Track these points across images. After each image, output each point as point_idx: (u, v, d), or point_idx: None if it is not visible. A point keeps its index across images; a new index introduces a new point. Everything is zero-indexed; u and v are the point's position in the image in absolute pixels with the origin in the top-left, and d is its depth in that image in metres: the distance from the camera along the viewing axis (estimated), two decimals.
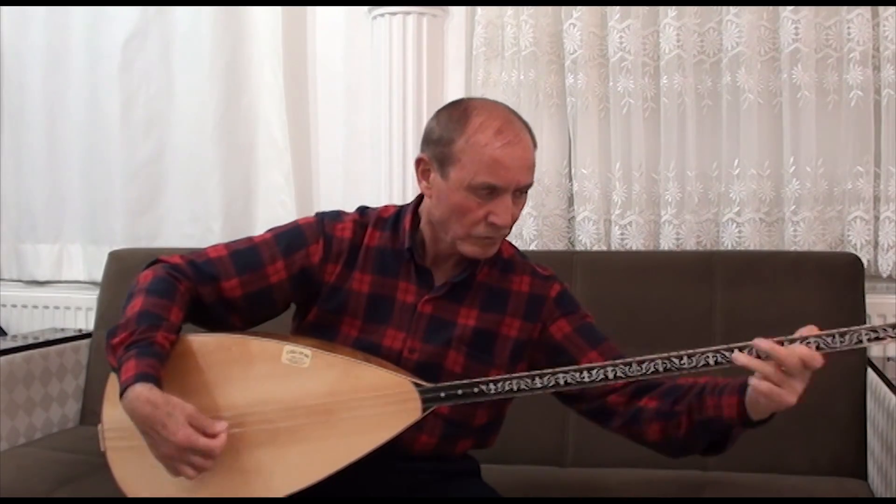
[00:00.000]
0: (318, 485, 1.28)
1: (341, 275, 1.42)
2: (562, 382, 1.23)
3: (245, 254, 1.42)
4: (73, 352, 2.33)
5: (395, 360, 1.38)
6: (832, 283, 1.92)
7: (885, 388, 1.70)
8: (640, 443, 1.37)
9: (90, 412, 2.27)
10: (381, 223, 1.45)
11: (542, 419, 1.90)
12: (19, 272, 2.82)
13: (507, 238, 1.45)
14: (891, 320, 2.06)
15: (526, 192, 1.36)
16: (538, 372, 1.25)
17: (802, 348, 1.14)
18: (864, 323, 1.95)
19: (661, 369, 1.21)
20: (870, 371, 1.87)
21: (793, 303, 1.91)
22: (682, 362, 1.20)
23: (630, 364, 1.22)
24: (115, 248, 2.50)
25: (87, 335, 2.39)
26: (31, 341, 2.26)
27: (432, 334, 1.39)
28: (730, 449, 1.32)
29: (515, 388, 1.25)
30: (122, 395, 1.23)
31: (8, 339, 2.36)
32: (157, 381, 1.23)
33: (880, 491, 1.71)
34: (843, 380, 1.88)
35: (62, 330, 2.52)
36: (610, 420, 1.39)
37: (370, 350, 1.38)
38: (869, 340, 1.14)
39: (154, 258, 1.43)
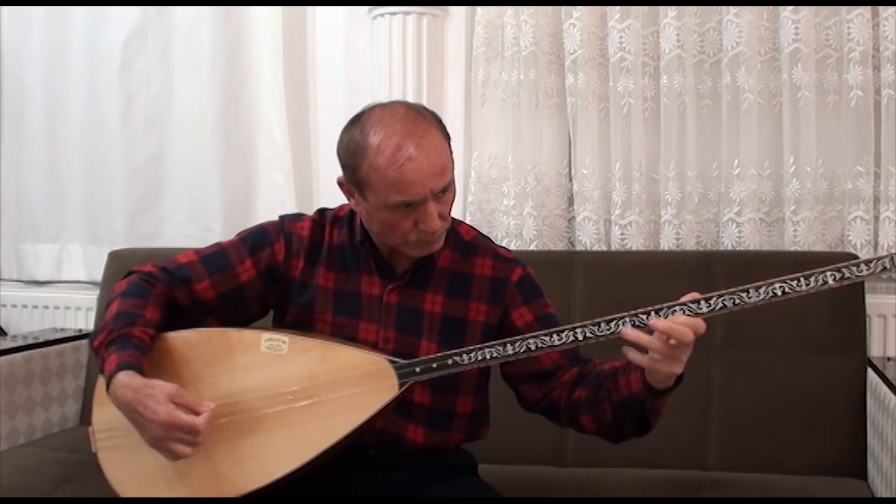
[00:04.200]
0: (316, 480, 1.30)
1: (305, 271, 1.45)
2: (532, 347, 1.25)
3: (214, 257, 1.46)
4: (73, 352, 2.33)
5: None
6: None
7: (885, 388, 1.70)
8: (586, 433, 1.40)
9: (90, 412, 2.27)
10: (338, 221, 1.48)
11: (541, 419, 1.89)
12: (19, 272, 2.82)
13: (494, 234, 1.45)
14: (891, 321, 2.08)
15: (450, 189, 1.34)
16: (509, 339, 1.26)
17: (683, 317, 1.18)
18: (864, 324, 1.96)
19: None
20: (870, 371, 1.87)
21: (793, 303, 1.90)
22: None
23: (586, 325, 1.24)
24: (115, 248, 2.50)
25: (87, 335, 2.39)
26: (31, 341, 2.26)
27: (403, 323, 1.42)
28: (656, 423, 1.34)
29: (488, 356, 1.27)
30: (108, 388, 1.26)
31: (8, 339, 2.36)
32: (139, 369, 1.26)
33: (880, 491, 1.71)
34: (843, 380, 1.89)
35: (62, 330, 2.53)
36: (558, 416, 1.43)
37: None
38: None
39: (151, 257, 1.49)
